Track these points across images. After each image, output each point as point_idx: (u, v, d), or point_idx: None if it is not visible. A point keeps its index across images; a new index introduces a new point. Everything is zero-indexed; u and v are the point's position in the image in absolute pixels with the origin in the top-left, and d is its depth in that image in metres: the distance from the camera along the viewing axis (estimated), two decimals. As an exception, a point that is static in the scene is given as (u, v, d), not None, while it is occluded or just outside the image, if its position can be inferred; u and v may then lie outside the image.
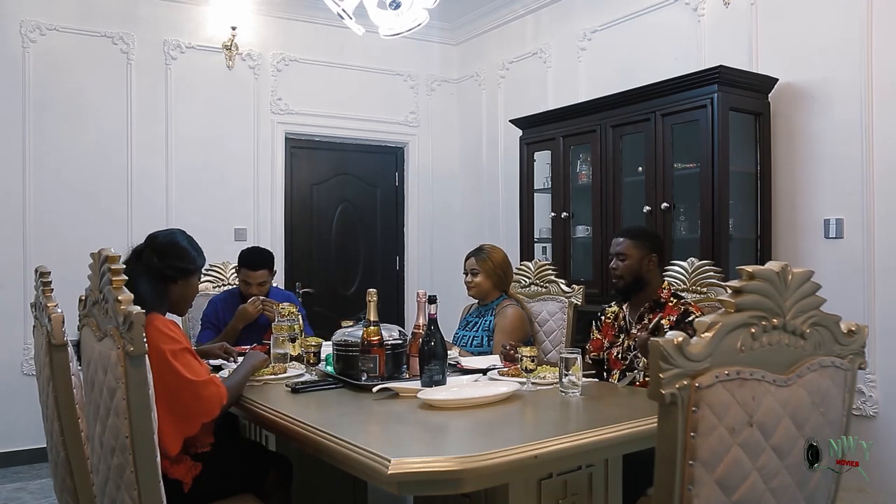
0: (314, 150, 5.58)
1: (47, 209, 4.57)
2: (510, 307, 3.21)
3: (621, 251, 2.77)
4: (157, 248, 2.30)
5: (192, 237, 2.46)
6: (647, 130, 3.84)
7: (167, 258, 2.29)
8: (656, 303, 2.72)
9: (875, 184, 3.29)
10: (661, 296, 2.72)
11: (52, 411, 2.10)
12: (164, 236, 2.38)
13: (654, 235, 2.94)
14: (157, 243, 2.32)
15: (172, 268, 2.29)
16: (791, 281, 1.25)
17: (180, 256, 2.33)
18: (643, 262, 2.73)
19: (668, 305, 2.69)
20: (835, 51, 3.42)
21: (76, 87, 4.67)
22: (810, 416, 1.30)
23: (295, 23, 5.34)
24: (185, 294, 2.37)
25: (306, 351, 2.90)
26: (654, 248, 2.77)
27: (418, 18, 2.92)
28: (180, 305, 2.40)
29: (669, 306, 2.68)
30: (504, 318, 3.17)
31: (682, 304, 2.68)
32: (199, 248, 2.45)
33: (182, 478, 2.12)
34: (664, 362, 1.14)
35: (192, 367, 2.09)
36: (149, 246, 2.31)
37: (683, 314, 2.62)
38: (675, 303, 2.68)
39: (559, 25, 5.01)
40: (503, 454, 1.62)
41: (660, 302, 2.71)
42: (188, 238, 2.44)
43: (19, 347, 4.49)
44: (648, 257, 2.74)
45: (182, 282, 2.33)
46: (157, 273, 2.25)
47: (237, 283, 3.71)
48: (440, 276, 5.80)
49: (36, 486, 4.08)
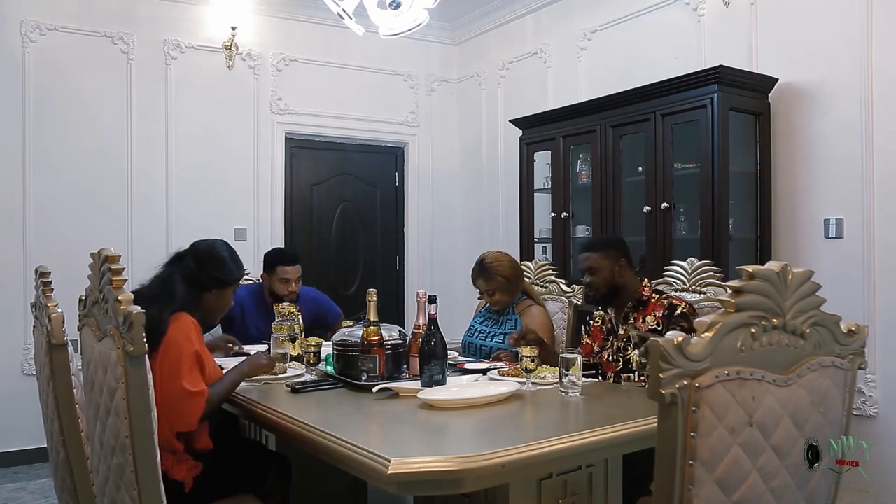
0: (314, 150, 5.58)
1: (47, 209, 4.57)
2: (533, 306, 3.22)
3: (591, 266, 2.77)
4: (197, 255, 2.38)
5: (233, 249, 2.51)
6: (647, 130, 3.84)
7: (205, 266, 2.35)
8: (639, 301, 2.72)
9: (875, 184, 3.29)
10: (643, 294, 2.72)
11: (52, 411, 2.10)
12: (206, 244, 2.45)
13: (617, 241, 2.95)
14: (198, 250, 2.40)
15: (208, 276, 2.35)
16: (791, 281, 1.25)
17: (217, 266, 2.39)
18: (614, 270, 2.73)
19: (651, 302, 2.69)
20: (835, 51, 3.42)
21: (76, 87, 4.67)
22: (810, 416, 1.30)
23: (295, 23, 5.34)
24: (217, 304, 2.42)
25: (306, 351, 2.90)
26: (621, 252, 2.78)
27: (418, 18, 2.92)
28: (212, 314, 2.45)
29: (653, 303, 2.68)
30: (533, 318, 3.16)
31: (665, 298, 2.68)
32: (238, 260, 2.50)
33: (183, 478, 2.12)
34: (664, 362, 1.14)
35: (193, 375, 2.11)
36: (191, 252, 2.39)
37: (670, 308, 2.61)
38: (658, 298, 2.68)
39: (559, 25, 5.01)
40: (503, 454, 1.62)
41: (642, 300, 2.71)
42: (229, 249, 2.48)
43: (19, 347, 4.49)
44: (618, 263, 2.74)
45: (216, 291, 2.39)
46: (192, 278, 2.31)
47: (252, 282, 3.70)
48: (440, 276, 5.80)
49: (36, 486, 4.08)
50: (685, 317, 2.57)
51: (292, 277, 3.57)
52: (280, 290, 3.55)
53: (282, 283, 3.56)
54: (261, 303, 3.65)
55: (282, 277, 3.56)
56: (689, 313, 2.58)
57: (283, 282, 3.55)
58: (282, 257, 3.63)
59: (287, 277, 3.56)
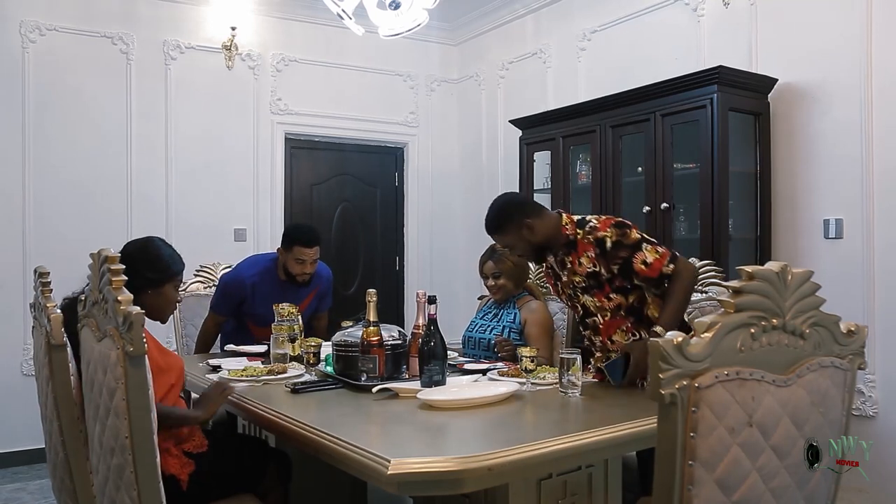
0: (314, 150, 5.58)
1: (47, 209, 4.58)
2: (532, 301, 3.22)
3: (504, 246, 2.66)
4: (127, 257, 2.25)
5: (168, 244, 2.41)
6: (646, 131, 3.84)
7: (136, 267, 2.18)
8: (567, 244, 2.54)
9: (874, 184, 3.29)
10: (568, 234, 2.54)
11: (52, 412, 2.10)
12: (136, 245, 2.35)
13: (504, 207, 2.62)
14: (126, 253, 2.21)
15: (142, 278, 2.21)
16: (791, 281, 1.25)
17: (150, 265, 2.29)
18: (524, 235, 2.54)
19: (579, 241, 2.51)
20: (834, 51, 3.42)
21: (76, 87, 4.67)
22: (810, 416, 1.30)
23: (294, 23, 5.34)
24: (158, 303, 2.32)
25: (306, 351, 2.90)
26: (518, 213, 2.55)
27: (418, 19, 2.92)
28: (157, 315, 2.35)
29: (581, 242, 2.51)
30: (534, 313, 3.15)
31: (588, 233, 2.49)
32: (174, 255, 2.40)
33: (177, 473, 2.11)
34: (664, 363, 1.14)
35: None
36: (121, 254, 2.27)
37: (598, 245, 2.46)
38: (583, 234, 2.50)
39: (559, 26, 5.01)
40: (503, 454, 1.62)
41: (570, 241, 2.54)
42: (164, 245, 2.38)
43: (19, 348, 4.49)
44: (523, 226, 2.53)
45: (152, 291, 2.29)
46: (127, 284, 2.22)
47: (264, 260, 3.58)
48: (440, 277, 5.80)
49: (35, 487, 4.08)
50: (617, 245, 2.43)
51: (308, 259, 3.37)
52: (294, 269, 3.38)
53: (297, 263, 3.37)
54: (273, 281, 3.47)
55: (298, 258, 3.36)
56: (619, 239, 2.43)
57: (299, 262, 3.36)
58: (301, 237, 3.38)
59: (303, 259, 3.36)
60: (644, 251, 2.42)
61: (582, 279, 2.54)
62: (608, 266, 2.47)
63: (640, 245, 2.42)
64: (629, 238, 2.43)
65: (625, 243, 2.43)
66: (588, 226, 2.51)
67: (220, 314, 3.52)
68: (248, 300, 3.47)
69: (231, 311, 3.51)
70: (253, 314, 3.46)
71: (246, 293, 3.46)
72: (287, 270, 3.42)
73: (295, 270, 3.39)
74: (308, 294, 3.53)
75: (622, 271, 2.46)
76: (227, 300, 3.49)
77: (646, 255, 2.41)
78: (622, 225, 2.48)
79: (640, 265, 2.41)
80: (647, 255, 2.41)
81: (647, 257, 2.41)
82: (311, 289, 3.53)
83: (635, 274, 2.44)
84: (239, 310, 3.51)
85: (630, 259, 2.42)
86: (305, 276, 3.41)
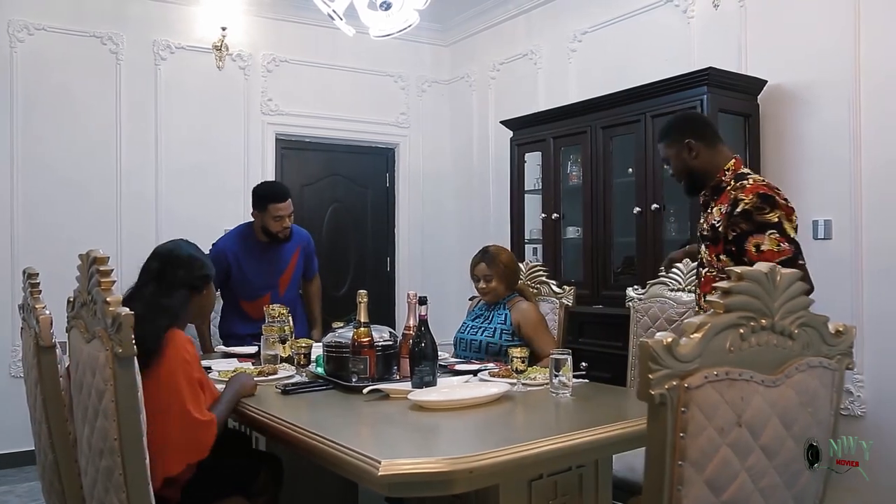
0: (304, 151, 5.57)
1: (35, 209, 4.54)
2: (522, 302, 3.18)
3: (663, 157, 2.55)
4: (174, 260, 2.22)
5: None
6: (637, 131, 3.86)
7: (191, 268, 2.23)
8: (716, 188, 2.43)
9: (863, 185, 3.31)
10: (721, 180, 2.42)
11: (40, 414, 2.08)
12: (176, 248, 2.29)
13: (681, 120, 2.60)
14: (173, 255, 2.24)
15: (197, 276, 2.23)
16: (779, 282, 1.26)
17: (201, 265, 2.29)
18: (684, 156, 2.45)
19: (725, 191, 2.39)
20: (823, 53, 3.44)
21: (64, 87, 4.65)
22: (798, 416, 1.31)
23: (285, 23, 5.33)
24: (210, 300, 2.36)
25: (296, 352, 2.89)
26: (688, 132, 2.46)
27: (409, 19, 2.92)
28: (205, 313, 2.44)
29: (727, 193, 2.38)
30: (525, 314, 3.11)
31: (735, 188, 2.34)
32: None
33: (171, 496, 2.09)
34: (653, 363, 1.14)
35: (198, 401, 2.01)
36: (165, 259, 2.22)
37: (732, 204, 2.30)
38: (731, 186, 2.37)
39: (550, 27, 5.02)
40: (494, 455, 1.62)
41: (720, 187, 2.42)
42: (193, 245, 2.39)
43: (7, 349, 4.45)
44: (685, 147, 2.44)
45: (206, 289, 2.30)
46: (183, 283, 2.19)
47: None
48: (431, 278, 5.80)
49: (24, 489, 4.05)
50: (745, 216, 2.25)
51: (285, 213, 3.46)
52: (274, 227, 3.46)
53: (275, 220, 3.45)
54: (254, 246, 3.54)
55: (275, 215, 3.44)
56: (751, 210, 2.24)
57: (277, 219, 3.45)
58: (272, 194, 3.48)
59: (280, 214, 3.45)
60: (766, 237, 2.21)
61: (708, 228, 2.43)
62: (727, 229, 2.32)
63: (767, 229, 2.22)
64: (762, 216, 2.23)
65: (754, 217, 2.24)
66: (741, 182, 2.36)
67: None
68: (232, 270, 3.49)
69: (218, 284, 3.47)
70: (243, 286, 3.49)
71: (229, 261, 3.49)
72: (266, 231, 3.48)
73: (275, 228, 3.46)
74: (293, 252, 3.63)
75: (735, 241, 2.29)
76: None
77: (765, 240, 2.21)
78: (768, 199, 2.25)
79: (751, 246, 2.22)
80: (766, 243, 2.21)
81: (765, 244, 2.21)
82: (293, 246, 3.63)
83: (744, 252, 2.25)
84: (227, 286, 3.52)
85: (747, 235, 2.24)
86: (286, 232, 3.49)
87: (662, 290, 3.05)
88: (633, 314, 3.15)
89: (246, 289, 3.50)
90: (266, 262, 3.53)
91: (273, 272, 3.58)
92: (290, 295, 3.63)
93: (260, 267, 3.53)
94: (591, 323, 4.01)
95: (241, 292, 3.53)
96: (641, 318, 3.10)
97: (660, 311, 3.02)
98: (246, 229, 3.61)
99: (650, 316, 3.06)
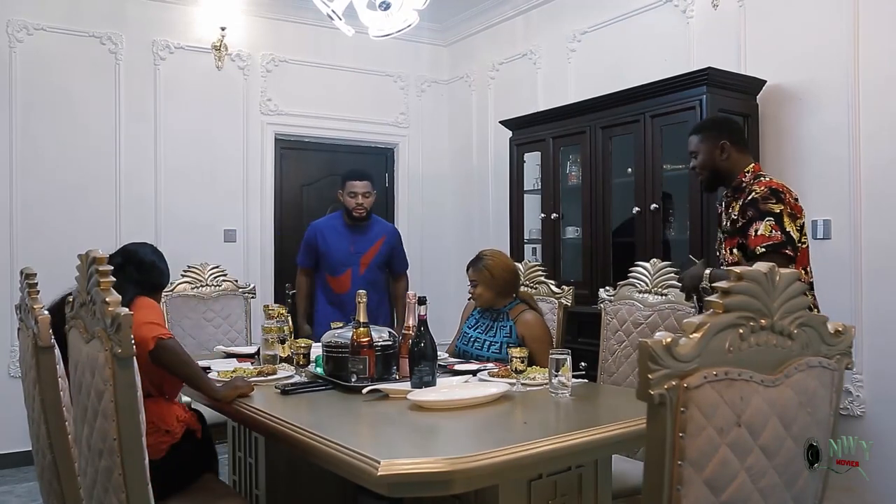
0: (304, 150, 5.57)
1: (34, 210, 4.54)
2: (527, 312, 3.09)
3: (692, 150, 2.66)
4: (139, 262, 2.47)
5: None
6: (636, 132, 3.86)
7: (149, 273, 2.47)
8: (737, 188, 2.59)
9: (862, 185, 3.31)
10: (741, 181, 2.58)
11: (39, 414, 2.08)
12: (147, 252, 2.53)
13: (719, 121, 2.78)
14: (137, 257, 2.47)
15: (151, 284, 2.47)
16: (779, 282, 1.26)
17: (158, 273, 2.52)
18: (714, 154, 2.59)
19: (744, 190, 2.54)
20: (822, 53, 3.44)
21: (64, 87, 4.64)
22: (798, 416, 1.31)
23: (284, 23, 5.33)
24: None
25: (296, 353, 2.89)
26: (723, 134, 2.60)
27: (408, 19, 2.92)
28: None
29: (744, 191, 2.53)
30: (531, 329, 3.03)
31: (751, 183, 2.51)
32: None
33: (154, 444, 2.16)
34: (653, 363, 1.14)
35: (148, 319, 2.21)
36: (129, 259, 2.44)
37: (747, 195, 2.47)
38: (748, 184, 2.54)
39: (549, 27, 5.02)
40: (493, 455, 1.62)
41: (741, 187, 2.57)
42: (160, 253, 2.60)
43: (6, 349, 4.45)
44: (718, 147, 2.58)
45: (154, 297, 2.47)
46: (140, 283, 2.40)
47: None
48: (430, 277, 5.79)
49: (23, 490, 4.05)
50: (753, 203, 2.43)
51: (360, 191, 3.78)
52: (349, 203, 3.80)
53: (350, 196, 3.79)
54: (339, 225, 3.90)
55: (350, 191, 3.79)
56: (758, 198, 2.42)
57: (352, 195, 3.79)
58: (350, 172, 3.84)
59: (354, 191, 3.78)
60: (764, 222, 2.37)
61: (728, 224, 2.56)
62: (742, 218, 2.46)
63: (766, 216, 2.37)
64: (766, 205, 2.39)
65: (759, 206, 2.40)
66: (756, 180, 2.54)
67: (305, 267, 3.98)
68: (319, 244, 3.89)
69: (312, 261, 3.93)
70: (326, 259, 3.87)
71: (317, 237, 3.90)
72: (348, 212, 3.83)
73: (350, 205, 3.81)
74: (377, 238, 3.94)
75: (742, 229, 2.44)
76: (307, 251, 3.95)
77: (762, 226, 2.36)
78: (776, 193, 2.43)
79: (752, 231, 2.39)
80: (762, 228, 2.36)
81: (760, 229, 2.37)
82: (379, 233, 3.95)
83: (746, 237, 2.41)
84: (317, 264, 3.92)
85: (752, 222, 2.40)
86: (361, 211, 3.81)
87: (631, 292, 3.05)
88: (603, 316, 3.14)
89: (329, 262, 3.87)
90: (347, 241, 3.87)
91: (354, 251, 3.88)
92: (370, 276, 3.90)
93: (340, 244, 3.86)
94: (590, 323, 4.00)
95: (326, 266, 3.89)
96: (611, 321, 3.10)
97: (627, 314, 3.03)
98: (336, 213, 4.02)
99: (618, 318, 3.06)
